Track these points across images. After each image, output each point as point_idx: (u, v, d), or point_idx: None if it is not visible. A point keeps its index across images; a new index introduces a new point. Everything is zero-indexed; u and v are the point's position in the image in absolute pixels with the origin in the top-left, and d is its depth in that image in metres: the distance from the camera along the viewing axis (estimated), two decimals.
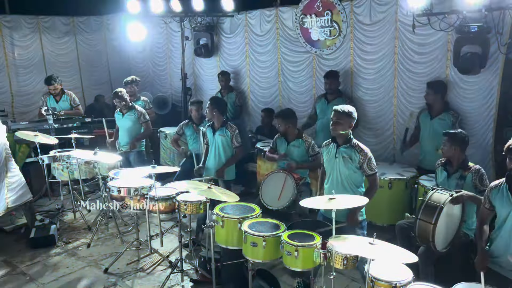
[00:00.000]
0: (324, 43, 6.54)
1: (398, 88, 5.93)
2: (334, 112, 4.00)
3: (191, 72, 8.48)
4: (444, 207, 3.70)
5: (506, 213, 3.35)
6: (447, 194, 3.81)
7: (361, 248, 3.01)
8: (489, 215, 3.58)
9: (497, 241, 3.44)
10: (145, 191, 4.56)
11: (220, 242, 4.09)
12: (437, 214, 3.67)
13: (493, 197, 3.46)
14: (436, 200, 3.77)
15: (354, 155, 3.95)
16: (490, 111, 5.22)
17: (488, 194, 3.52)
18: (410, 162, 5.78)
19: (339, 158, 4.00)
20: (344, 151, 3.99)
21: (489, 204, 3.51)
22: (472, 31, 4.88)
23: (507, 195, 3.33)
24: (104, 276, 4.81)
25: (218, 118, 5.41)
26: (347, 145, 3.99)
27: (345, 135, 3.97)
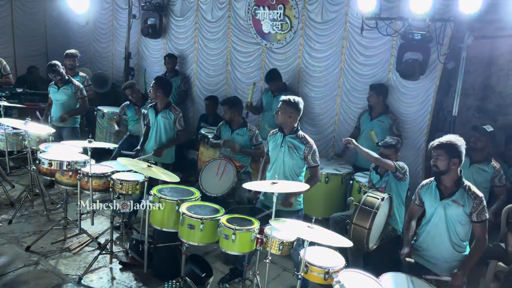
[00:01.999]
0: (274, 37, 6.58)
1: (342, 87, 6.09)
2: (280, 102, 4.04)
3: (136, 52, 8.18)
4: (377, 212, 3.84)
5: (433, 209, 3.56)
6: (379, 197, 3.95)
7: (300, 232, 3.05)
8: (418, 211, 3.79)
9: (424, 235, 3.63)
10: (79, 166, 4.32)
11: (155, 224, 3.98)
12: (371, 219, 3.81)
13: (423, 194, 3.67)
14: (370, 205, 3.90)
15: (300, 145, 4.00)
16: (425, 116, 5.51)
17: (418, 191, 3.73)
18: (346, 160, 5.96)
19: (284, 147, 4.03)
20: (290, 141, 4.03)
21: (419, 201, 3.71)
22: (416, 38, 5.13)
23: (435, 192, 3.55)
24: (26, 254, 4.50)
25: (162, 99, 5.24)
26: (293, 136, 4.04)
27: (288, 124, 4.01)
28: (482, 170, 4.59)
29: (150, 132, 5.35)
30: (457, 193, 3.44)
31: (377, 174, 4.51)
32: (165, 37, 7.76)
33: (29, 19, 8.94)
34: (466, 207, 3.40)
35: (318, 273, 3.08)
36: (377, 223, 3.92)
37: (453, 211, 3.44)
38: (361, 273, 3.14)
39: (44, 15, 9.11)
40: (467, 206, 3.39)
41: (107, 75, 8.38)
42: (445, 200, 3.47)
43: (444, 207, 3.47)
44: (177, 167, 7.05)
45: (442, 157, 3.43)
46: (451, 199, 3.45)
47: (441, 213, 3.49)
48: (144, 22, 7.66)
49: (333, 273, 3.07)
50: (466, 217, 3.42)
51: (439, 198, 3.51)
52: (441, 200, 3.50)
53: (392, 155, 4.40)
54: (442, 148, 3.46)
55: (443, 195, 3.50)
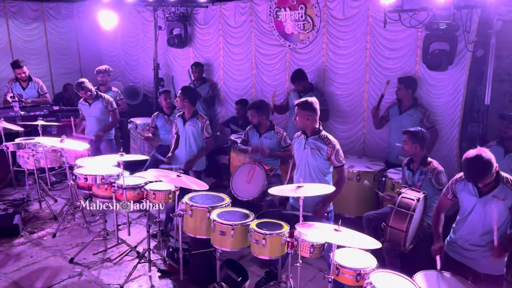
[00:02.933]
0: (297, 37, 6.57)
1: (369, 83, 6.01)
2: (295, 106, 4.05)
3: (164, 63, 8.36)
4: (414, 214, 3.75)
5: (471, 205, 3.40)
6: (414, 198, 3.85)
7: (327, 235, 3.05)
8: (448, 205, 3.64)
9: (461, 231, 3.51)
10: (113, 179, 4.48)
11: (188, 231, 4.08)
12: (408, 221, 3.72)
13: (459, 189, 3.51)
14: (405, 207, 3.80)
15: (322, 146, 3.99)
16: (456, 107, 5.35)
17: (452, 185, 3.56)
18: (378, 156, 5.87)
19: (307, 149, 4.04)
20: (312, 142, 4.03)
21: (452, 195, 3.57)
22: (441, 28, 4.98)
23: (473, 189, 3.38)
24: (70, 266, 4.72)
25: (189, 108, 5.36)
26: (316, 137, 4.04)
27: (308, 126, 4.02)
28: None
29: (180, 141, 5.47)
30: (497, 188, 3.29)
31: (409, 170, 4.42)
32: (191, 45, 7.90)
33: (62, 39, 9.32)
34: (507, 200, 3.26)
35: (349, 275, 3.06)
36: (414, 224, 3.84)
37: (494, 206, 3.28)
38: (393, 273, 3.10)
39: (76, 34, 9.47)
40: (508, 198, 3.25)
41: (138, 87, 8.62)
42: (485, 196, 3.32)
43: (484, 203, 3.32)
44: (210, 172, 7.21)
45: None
46: (491, 195, 3.29)
47: (480, 210, 3.35)
48: (170, 32, 7.82)
49: (365, 274, 3.04)
50: (507, 210, 3.29)
51: (478, 195, 3.35)
52: (480, 197, 3.34)
53: (417, 149, 4.28)
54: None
55: (481, 191, 3.34)
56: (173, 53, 8.23)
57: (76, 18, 9.39)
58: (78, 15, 9.36)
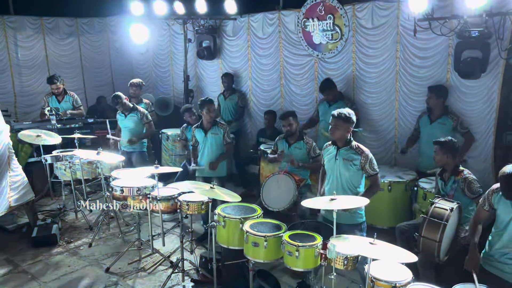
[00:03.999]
0: (326, 47, 6.59)
1: (400, 91, 5.97)
2: (332, 117, 4.04)
3: (194, 74, 8.52)
4: (447, 223, 3.72)
5: (509, 218, 3.34)
6: (447, 208, 3.82)
7: (361, 248, 3.04)
8: (486, 216, 3.59)
9: (498, 244, 3.44)
10: (148, 191, 4.60)
11: (221, 242, 4.13)
12: (441, 231, 3.70)
13: (495, 200, 3.45)
14: (438, 217, 3.78)
15: (355, 157, 3.98)
16: (490, 115, 5.24)
17: (489, 196, 3.51)
18: (410, 165, 5.81)
19: (339, 160, 4.03)
20: (344, 153, 4.03)
21: (488, 207, 3.51)
22: (473, 36, 4.92)
23: (510, 201, 3.32)
24: (106, 275, 4.84)
25: (210, 118, 5.52)
26: (347, 147, 4.03)
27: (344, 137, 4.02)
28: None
29: (201, 150, 5.60)
30: None
31: (442, 180, 4.37)
32: (220, 57, 8.02)
33: (95, 52, 9.63)
34: None
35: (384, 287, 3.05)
36: (447, 234, 3.79)
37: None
38: (429, 286, 3.07)
39: (108, 47, 9.77)
40: None
41: (169, 99, 8.79)
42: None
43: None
44: (239, 182, 7.29)
45: None
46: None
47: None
48: (199, 45, 7.97)
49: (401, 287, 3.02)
50: None
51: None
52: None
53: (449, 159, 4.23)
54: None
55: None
56: (202, 65, 8.38)
57: (108, 32, 9.70)
58: (110, 29, 9.66)
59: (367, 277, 3.04)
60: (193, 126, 5.74)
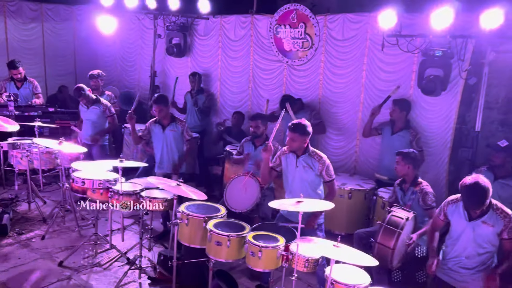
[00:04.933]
0: (296, 54, 6.70)
1: (364, 103, 6.16)
2: (289, 129, 4.09)
3: (161, 70, 8.41)
4: (402, 232, 3.88)
5: (461, 229, 3.50)
6: (403, 217, 3.98)
7: (325, 251, 3.11)
8: (441, 225, 3.74)
9: (451, 254, 3.59)
10: (110, 184, 4.49)
11: (183, 240, 4.11)
12: (396, 239, 3.86)
13: (450, 212, 3.60)
14: (394, 224, 3.94)
15: (313, 163, 4.10)
16: (448, 131, 5.52)
17: (444, 207, 3.65)
18: (369, 174, 5.99)
19: (300, 167, 4.13)
20: (304, 160, 4.13)
21: (444, 217, 3.66)
22: (437, 55, 5.18)
23: (463, 213, 3.48)
24: (59, 269, 4.69)
25: (167, 113, 5.49)
26: (306, 155, 4.13)
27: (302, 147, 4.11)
28: (507, 185, 4.56)
29: (160, 147, 5.54)
30: (486, 214, 3.36)
31: (401, 190, 4.54)
32: (190, 55, 7.97)
33: (59, 40, 9.28)
34: (496, 227, 3.33)
35: None
36: (402, 242, 3.95)
37: (482, 232, 3.37)
38: None
39: (73, 36, 9.45)
40: (497, 225, 3.33)
41: (134, 93, 8.63)
42: (474, 221, 3.40)
43: (473, 228, 3.40)
44: (201, 182, 7.25)
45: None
46: (481, 220, 3.38)
47: (470, 233, 3.43)
48: (169, 41, 7.88)
49: None
50: (495, 236, 3.36)
51: (468, 219, 3.44)
52: (469, 221, 3.42)
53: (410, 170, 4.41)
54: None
55: (471, 216, 3.42)
56: (171, 61, 8.29)
57: (74, 21, 9.39)
58: (77, 18, 9.36)
59: (328, 279, 3.11)
60: (151, 120, 5.66)
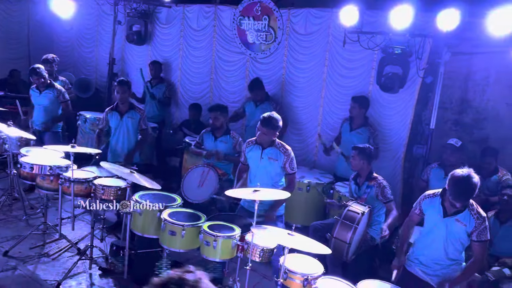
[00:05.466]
0: (259, 47, 6.67)
1: (325, 98, 6.20)
2: (260, 123, 4.09)
3: (120, 58, 8.17)
4: (358, 227, 3.95)
5: (433, 223, 3.49)
6: (359, 211, 4.05)
7: (280, 239, 3.10)
8: (417, 219, 3.71)
9: (421, 248, 3.58)
10: (61, 171, 4.30)
11: (136, 230, 4.00)
12: (352, 234, 3.92)
13: (425, 206, 3.58)
14: (350, 219, 4.00)
15: (279, 155, 4.09)
16: (404, 128, 5.63)
17: (421, 201, 3.63)
18: (328, 169, 6.05)
19: (264, 159, 4.12)
20: (269, 152, 4.12)
21: (419, 211, 3.62)
22: (396, 52, 5.28)
23: (439, 208, 3.46)
24: (3, 259, 4.46)
25: (127, 99, 5.37)
26: (272, 147, 4.13)
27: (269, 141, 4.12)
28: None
29: (116, 135, 5.39)
30: (462, 213, 3.35)
31: (356, 184, 4.61)
32: (150, 44, 7.78)
33: (12, 22, 8.84)
34: (468, 226, 3.33)
35: (297, 279, 3.14)
36: (357, 236, 4.02)
37: (454, 229, 3.36)
38: (338, 280, 3.21)
39: (28, 19, 9.02)
40: (469, 225, 3.33)
41: (91, 80, 8.34)
42: (449, 218, 3.39)
43: (446, 224, 3.39)
44: (158, 174, 7.10)
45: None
46: (455, 218, 3.36)
47: (443, 229, 3.41)
48: (129, 28, 7.66)
49: (312, 280, 3.12)
50: (466, 236, 3.36)
51: (443, 215, 3.42)
52: (444, 217, 3.40)
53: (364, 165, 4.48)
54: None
55: (446, 212, 3.41)
56: (131, 49, 8.06)
57: (29, 3, 8.96)
58: None
59: (282, 268, 3.11)
60: (107, 109, 5.49)
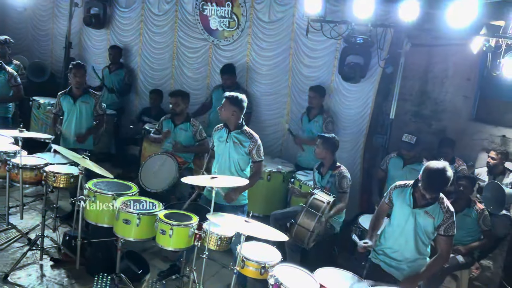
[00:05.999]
0: (222, 34, 6.55)
1: (291, 87, 6.15)
2: (224, 98, 4.03)
3: (77, 42, 7.84)
4: (322, 216, 3.96)
5: (403, 215, 3.44)
6: (325, 200, 4.05)
7: (237, 226, 3.04)
8: (387, 210, 3.65)
9: (388, 239, 3.52)
10: (9, 157, 4.07)
11: (89, 219, 3.86)
12: (316, 222, 3.94)
13: (395, 196, 3.52)
14: (316, 208, 4.01)
15: (245, 140, 4.01)
16: (364, 118, 5.67)
17: (391, 191, 3.57)
18: (292, 159, 6.03)
19: (229, 143, 4.03)
20: (235, 136, 4.03)
21: (389, 201, 3.57)
22: (358, 42, 5.29)
23: (409, 199, 3.42)
24: None
25: (82, 82, 5.22)
26: (238, 131, 4.04)
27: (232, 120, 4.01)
28: (415, 170, 4.75)
29: (68, 119, 5.22)
30: (432, 205, 3.32)
31: (319, 173, 4.60)
32: (109, 28, 7.50)
33: None
34: (436, 219, 3.31)
35: (254, 268, 3.09)
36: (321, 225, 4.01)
37: (422, 221, 3.33)
38: (296, 267, 3.19)
39: None
40: (438, 219, 3.30)
41: (45, 64, 7.97)
42: (418, 209, 3.35)
43: (415, 215, 3.35)
44: (117, 163, 6.90)
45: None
46: (424, 210, 3.33)
47: (411, 220, 3.37)
48: (87, 11, 7.38)
49: (269, 268, 3.08)
50: (433, 229, 3.34)
51: (412, 206, 3.38)
52: (413, 208, 3.36)
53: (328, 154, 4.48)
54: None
55: (416, 203, 3.37)
56: (89, 33, 7.75)
57: None
58: None
59: (238, 256, 3.05)
60: (60, 92, 5.29)
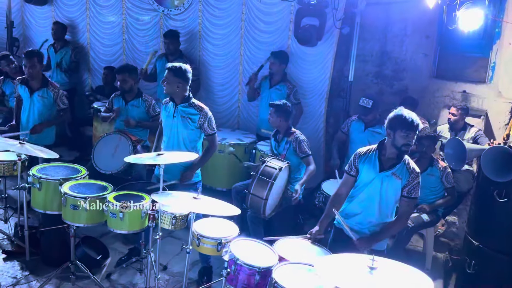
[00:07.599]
0: (172, 2, 6.21)
1: (244, 56, 5.94)
2: (166, 70, 3.79)
3: (20, 21, 7.34)
4: (274, 182, 3.85)
5: (369, 179, 3.30)
6: (277, 167, 3.95)
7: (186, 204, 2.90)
8: (352, 182, 3.41)
9: (353, 203, 3.39)
10: None
11: (37, 207, 3.65)
12: (268, 189, 3.84)
13: (361, 163, 3.36)
14: (267, 175, 3.91)
15: (193, 114, 3.81)
16: (324, 82, 5.53)
17: (355, 160, 3.39)
18: (251, 129, 5.89)
19: (177, 117, 3.82)
20: (182, 110, 3.82)
21: (355, 171, 3.38)
22: (312, 3, 5.10)
23: (375, 162, 3.29)
24: None
25: (37, 73, 4.76)
26: (186, 104, 3.83)
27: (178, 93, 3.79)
28: (376, 133, 4.72)
29: (26, 112, 4.85)
30: (398, 165, 3.22)
31: (275, 141, 4.49)
32: (53, 3, 7.02)
33: None
34: (403, 180, 3.22)
35: (210, 244, 2.98)
36: (275, 192, 3.92)
37: (390, 184, 3.24)
38: (254, 241, 3.08)
39: None
40: (404, 179, 3.21)
41: None
42: (385, 172, 3.24)
43: (381, 179, 3.24)
44: (73, 145, 6.62)
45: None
46: (391, 172, 3.23)
47: (377, 184, 3.26)
48: None
49: (226, 243, 2.97)
50: (400, 191, 3.24)
51: (379, 169, 3.26)
52: (380, 171, 3.25)
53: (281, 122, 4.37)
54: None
55: (383, 166, 3.26)
56: (31, 10, 7.24)
57: None
58: None
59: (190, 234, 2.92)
60: (18, 78, 4.90)
